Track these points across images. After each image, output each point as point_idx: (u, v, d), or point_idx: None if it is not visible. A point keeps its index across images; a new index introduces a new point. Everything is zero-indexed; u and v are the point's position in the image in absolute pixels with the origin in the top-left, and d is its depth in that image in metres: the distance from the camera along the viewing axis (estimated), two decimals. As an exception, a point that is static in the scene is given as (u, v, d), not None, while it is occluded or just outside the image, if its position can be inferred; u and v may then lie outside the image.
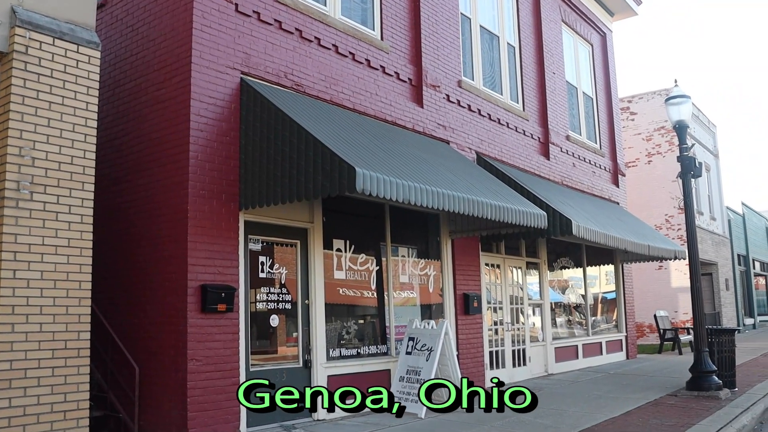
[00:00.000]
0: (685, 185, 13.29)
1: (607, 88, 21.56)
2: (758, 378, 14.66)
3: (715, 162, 36.65)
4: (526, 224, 11.54)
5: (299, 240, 10.41)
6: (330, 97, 10.86)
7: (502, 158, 15.01)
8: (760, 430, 10.05)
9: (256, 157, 9.17)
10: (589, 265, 19.29)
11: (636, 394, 12.63)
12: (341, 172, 8.14)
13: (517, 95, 16.42)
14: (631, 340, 20.66)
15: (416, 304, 12.64)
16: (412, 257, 12.62)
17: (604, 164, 20.58)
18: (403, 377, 11.01)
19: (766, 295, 45.89)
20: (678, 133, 13.48)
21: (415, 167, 9.92)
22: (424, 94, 12.91)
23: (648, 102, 30.24)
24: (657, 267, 28.37)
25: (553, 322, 17.22)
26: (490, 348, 14.27)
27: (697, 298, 12.91)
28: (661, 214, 29.08)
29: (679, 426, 9.51)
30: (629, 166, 29.07)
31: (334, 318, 10.86)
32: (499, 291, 15.07)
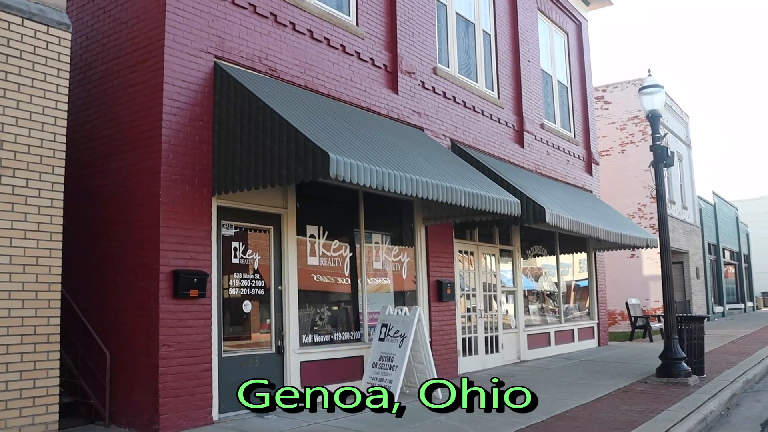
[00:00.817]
0: (657, 174, 13.40)
1: (581, 77, 21.65)
2: (726, 365, 14.87)
3: (688, 152, 37.00)
4: (499, 211, 11.58)
5: (273, 226, 10.37)
6: (305, 82, 10.80)
7: (476, 146, 15.03)
8: (727, 416, 10.19)
9: (230, 142, 9.11)
10: (562, 253, 19.41)
11: (607, 381, 12.76)
12: (315, 158, 8.11)
13: (492, 83, 16.44)
14: (602, 327, 20.85)
15: (390, 291, 12.65)
16: (385, 244, 12.63)
17: (578, 153, 20.69)
18: (376, 363, 11.03)
19: (735, 283, 46.54)
20: (651, 122, 13.57)
21: (389, 153, 9.91)
22: (399, 80, 12.88)
23: (622, 91, 30.43)
24: (629, 255, 28.64)
25: (526, 310, 17.33)
26: (463, 335, 14.33)
27: (667, 286, 13.04)
28: (633, 202, 29.33)
29: (649, 412, 9.61)
30: (603, 154, 29.25)
31: (307, 304, 10.85)
32: (472, 278, 15.13)
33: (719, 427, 9.41)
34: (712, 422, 9.60)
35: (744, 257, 49.51)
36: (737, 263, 47.11)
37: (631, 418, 9.21)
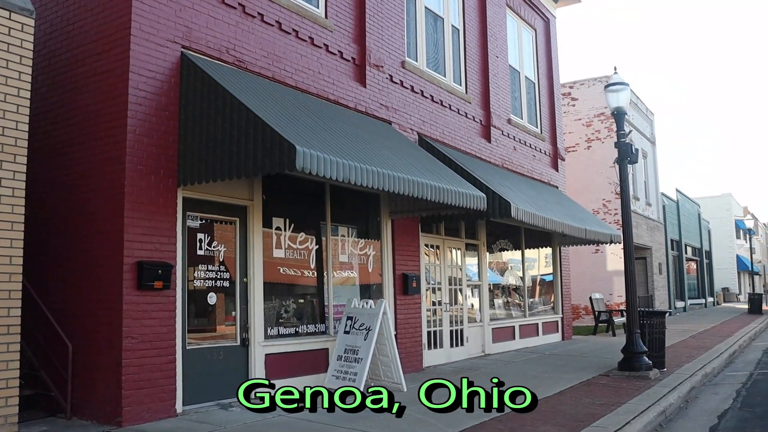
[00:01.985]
0: (621, 171, 13.55)
1: (549, 74, 21.80)
2: (686, 359, 15.11)
3: (652, 149, 37.44)
4: (465, 206, 11.64)
5: (238, 217, 10.33)
6: (272, 74, 10.76)
7: (443, 140, 15.08)
8: (686, 408, 10.37)
9: (196, 132, 9.05)
10: (527, 247, 19.56)
11: (570, 374, 12.90)
12: (281, 150, 8.09)
13: (460, 77, 16.50)
14: (566, 321, 21.07)
15: (356, 284, 12.67)
16: (352, 237, 12.64)
17: (545, 148, 20.84)
18: (341, 356, 11.04)
19: (696, 279, 47.25)
20: (616, 119, 13.72)
21: (356, 146, 9.91)
22: (367, 73, 12.88)
23: (589, 88, 30.69)
24: (594, 250, 28.93)
25: (492, 304, 17.45)
26: (428, 328, 14.39)
27: (630, 282, 13.21)
28: (599, 198, 29.62)
29: (610, 405, 9.75)
30: (569, 150, 29.49)
31: (272, 296, 10.83)
32: (438, 272, 15.19)
33: (678, 419, 9.57)
34: (672, 415, 9.76)
35: (705, 253, 50.27)
36: (699, 259, 47.82)
37: (593, 410, 9.33)
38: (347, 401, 9.64)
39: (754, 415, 9.68)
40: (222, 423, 8.49)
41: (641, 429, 8.40)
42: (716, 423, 9.23)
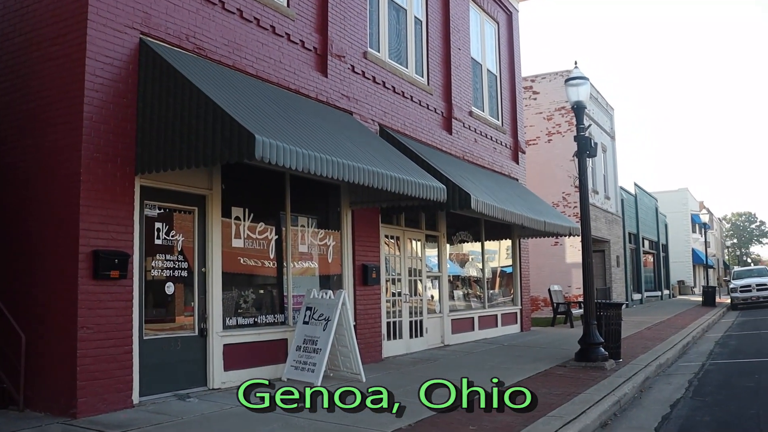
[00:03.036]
0: (580, 164, 13.68)
1: (511, 67, 21.92)
2: (641, 350, 15.35)
3: (612, 143, 37.88)
4: (425, 197, 11.67)
5: (197, 207, 10.23)
6: (233, 62, 10.66)
7: (405, 131, 15.09)
8: (640, 398, 10.53)
9: (154, 120, 8.93)
10: (487, 239, 19.69)
11: (528, 365, 13.02)
12: (240, 139, 8.03)
13: (422, 69, 16.51)
14: (525, 313, 21.26)
15: (315, 274, 12.65)
16: (312, 227, 12.60)
17: (506, 141, 20.97)
18: (300, 347, 11.02)
19: (653, 272, 47.99)
20: (576, 113, 13.84)
21: (316, 137, 9.88)
22: (329, 63, 12.82)
23: (550, 82, 30.96)
24: (553, 243, 29.20)
25: (451, 295, 17.54)
26: (387, 319, 14.43)
27: (587, 274, 13.36)
28: (558, 191, 29.91)
29: (566, 395, 9.86)
30: (530, 144, 29.68)
31: (231, 286, 10.76)
32: (398, 263, 15.23)
33: (632, 409, 9.72)
34: (626, 404, 9.91)
35: (662, 247, 51.07)
36: (656, 252, 48.56)
37: (550, 400, 9.43)
38: (347, 401, 9.45)
39: (704, 404, 9.88)
40: (179, 414, 8.43)
41: (596, 418, 8.52)
42: (668, 412, 9.40)
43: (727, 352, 16.47)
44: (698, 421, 8.82)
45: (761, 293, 35.34)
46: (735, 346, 17.71)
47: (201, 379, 10.06)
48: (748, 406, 9.61)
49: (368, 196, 12.98)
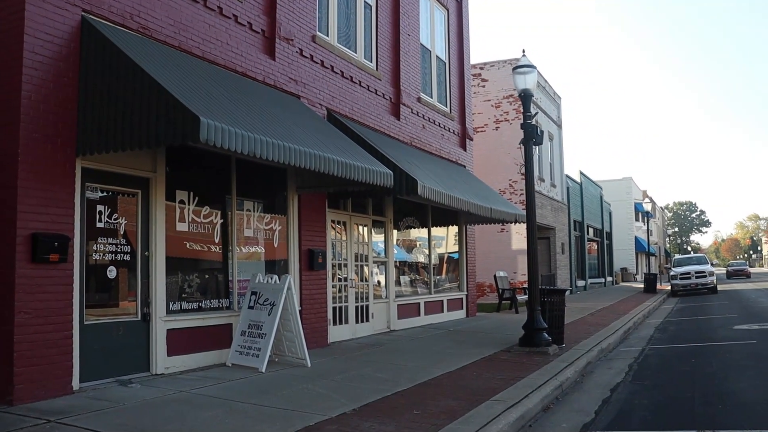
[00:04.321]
0: (526, 152, 13.79)
1: (459, 54, 21.98)
2: (584, 335, 15.61)
3: (559, 132, 38.32)
4: (372, 182, 11.66)
5: (141, 190, 10.06)
6: (179, 43, 10.48)
7: (352, 116, 15.04)
8: (581, 382, 10.72)
9: (96, 101, 8.74)
10: (434, 225, 19.78)
11: (473, 350, 13.14)
12: (185, 121, 7.91)
13: (371, 54, 16.46)
14: (471, 298, 21.44)
15: (261, 259, 12.56)
16: (257, 211, 12.50)
17: (454, 128, 21.05)
18: (244, 331, 10.95)
19: (597, 259, 48.78)
20: (522, 101, 13.93)
21: (263, 120, 9.78)
22: (276, 46, 12.70)
23: (498, 70, 31.15)
24: (499, 230, 29.49)
25: (398, 281, 17.59)
26: (334, 304, 14.42)
27: (532, 260, 13.51)
28: (505, 178, 30.18)
29: (510, 379, 9.98)
30: (478, 131, 29.88)
31: (175, 271, 10.62)
32: (344, 248, 15.21)
33: (574, 393, 9.89)
34: (568, 388, 10.07)
35: (606, 234, 51.91)
36: (600, 240, 49.36)
37: (493, 385, 9.54)
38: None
39: (643, 388, 10.10)
40: (120, 400, 8.30)
41: (538, 402, 8.64)
42: (609, 395, 9.58)
43: (666, 337, 16.84)
44: (636, 404, 9.01)
45: (700, 280, 36.28)
46: (674, 331, 18.12)
47: (144, 365, 9.93)
48: (684, 389, 9.86)
49: (315, 181, 12.92)
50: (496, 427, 7.21)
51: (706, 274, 36.47)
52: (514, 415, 7.78)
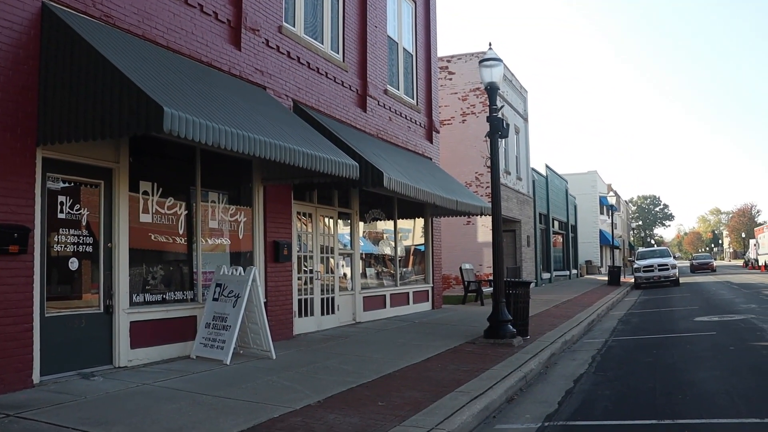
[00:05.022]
0: (492, 145, 13.84)
1: (427, 46, 21.98)
2: (548, 327, 15.74)
3: (525, 125, 38.52)
4: (338, 174, 11.63)
5: (103, 180, 9.92)
6: (142, 32, 10.34)
7: (319, 107, 14.98)
8: (545, 373, 10.80)
9: (58, 89, 8.60)
10: (400, 218, 19.80)
11: (438, 342, 13.19)
12: (148, 111, 7.81)
13: (337, 46, 16.39)
14: (437, 291, 21.51)
15: (226, 251, 12.47)
16: (222, 203, 12.40)
17: (420, 120, 21.07)
18: (209, 324, 10.87)
19: (562, 252, 49.22)
20: (489, 94, 13.97)
21: (227, 111, 9.70)
22: (242, 37, 12.59)
23: (466, 63, 31.18)
24: (465, 222, 29.58)
25: (364, 273, 17.59)
26: (299, 296, 14.37)
27: (497, 253, 13.57)
28: (471, 171, 30.26)
29: (474, 371, 10.04)
30: (445, 123, 29.92)
31: (139, 262, 10.50)
32: (310, 240, 15.16)
33: (538, 384, 9.96)
34: (532, 379, 10.15)
35: (571, 227, 52.39)
36: (565, 233, 49.79)
37: (458, 377, 9.58)
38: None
39: (605, 379, 10.21)
40: (82, 393, 8.21)
41: (502, 393, 8.69)
42: (572, 386, 9.68)
43: (629, 329, 17.05)
44: (599, 395, 9.11)
45: (662, 273, 36.81)
46: (636, 323, 18.35)
47: (107, 358, 9.82)
48: (646, 380, 9.98)
49: (281, 173, 12.85)
50: (461, 419, 7.24)
51: (669, 267, 37.01)
52: (479, 406, 7.82)
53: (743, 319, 17.18)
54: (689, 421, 7.46)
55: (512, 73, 35.26)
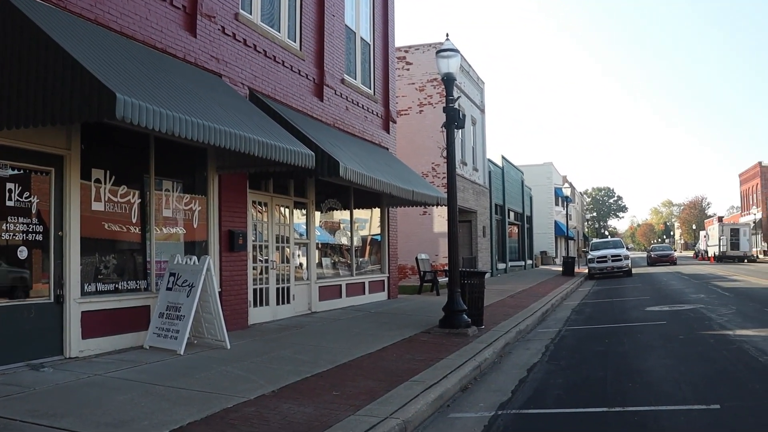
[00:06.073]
0: (448, 135, 13.88)
1: (384, 36, 21.94)
2: (503, 317, 15.88)
3: (482, 117, 38.71)
4: (293, 163, 11.57)
5: (54, 168, 9.73)
6: (95, 16, 10.15)
7: (275, 96, 14.87)
8: (499, 363, 10.91)
9: (5, 74, 8.39)
10: (357, 208, 19.78)
11: (393, 332, 13.23)
12: (101, 97, 7.69)
13: (295, 34, 16.28)
14: (393, 281, 21.56)
15: (180, 240, 12.33)
16: (177, 191, 12.26)
17: (377, 110, 21.04)
18: (163, 313, 10.76)
19: (518, 242, 49.66)
20: (445, 85, 14.00)
21: (182, 98, 9.58)
22: (198, 23, 12.43)
23: (423, 54, 31.22)
24: (422, 212, 29.65)
25: (320, 262, 17.55)
26: (254, 285, 14.29)
27: (453, 243, 13.64)
28: (428, 162, 30.35)
29: (429, 360, 10.09)
30: (402, 114, 29.94)
31: (91, 251, 10.33)
32: (266, 229, 15.07)
33: (492, 373, 10.05)
34: (486, 369, 10.23)
35: (527, 218, 52.88)
36: (520, 224, 50.24)
37: (413, 366, 9.63)
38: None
39: (558, 368, 10.35)
40: (31, 384, 8.06)
41: (457, 383, 8.76)
42: (525, 375, 9.79)
43: (582, 318, 17.29)
44: (552, 383, 9.23)
45: (615, 264, 37.38)
46: (589, 313, 18.61)
47: (57, 348, 9.66)
48: (598, 369, 10.13)
49: (236, 161, 12.74)
50: (415, 408, 7.27)
51: (622, 257, 37.60)
52: (433, 395, 7.87)
53: (693, 309, 17.53)
54: (638, 408, 7.59)
55: (470, 65, 35.39)
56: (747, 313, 16.26)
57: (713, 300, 20.07)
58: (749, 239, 61.21)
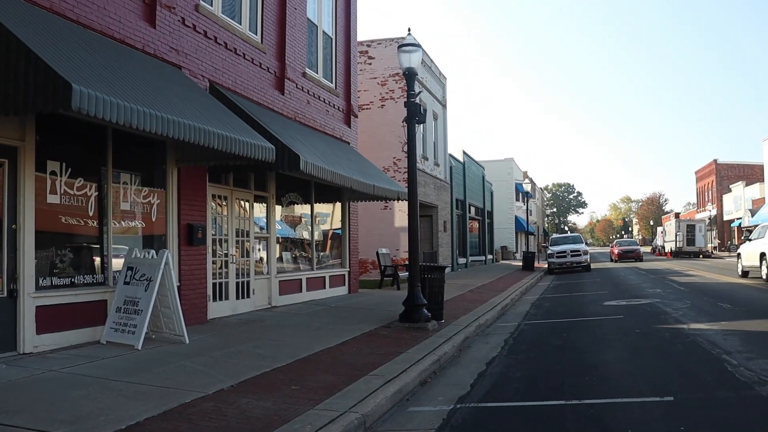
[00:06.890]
0: (409, 130, 13.89)
1: (347, 30, 21.87)
2: (463, 311, 15.96)
3: (443, 112, 38.82)
4: (254, 156, 11.50)
5: (8, 159, 9.52)
6: (50, 5, 9.95)
7: (236, 89, 14.75)
8: (459, 356, 10.95)
9: (-43, 63, 8.22)
10: (318, 202, 19.71)
11: (353, 326, 13.22)
12: (56, 88, 7.56)
13: (256, 26, 16.15)
14: (353, 275, 21.54)
15: (138, 234, 12.18)
16: (135, 184, 12.09)
17: (339, 104, 20.98)
18: (120, 308, 10.62)
19: (478, 237, 49.94)
20: (407, 79, 14.01)
21: (140, 90, 9.45)
22: (157, 14, 12.26)
23: (386, 48, 31.20)
24: (383, 207, 29.66)
25: (280, 257, 17.47)
26: (214, 280, 14.17)
27: (413, 238, 13.66)
28: (390, 156, 30.36)
29: (389, 354, 10.10)
30: (364, 108, 29.90)
31: (46, 245, 10.15)
32: (225, 223, 14.95)
33: (451, 367, 10.09)
34: (446, 363, 10.27)
35: (487, 213, 53.20)
36: (481, 219, 50.52)
37: (373, 360, 9.63)
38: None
39: (517, 362, 10.42)
40: (-17, 380, 7.92)
41: (416, 376, 8.77)
42: (484, 369, 9.84)
43: (542, 313, 17.43)
44: (510, 377, 9.29)
45: (575, 259, 37.82)
46: (549, 307, 18.78)
47: (11, 344, 9.47)
48: (556, 362, 10.23)
49: (195, 154, 12.60)
50: (374, 401, 7.27)
51: (581, 252, 38.05)
52: (392, 389, 7.87)
53: (649, 303, 17.78)
54: (595, 401, 7.67)
55: (432, 60, 35.46)
56: (701, 307, 16.53)
57: (669, 294, 20.37)
58: (704, 235, 62.24)
